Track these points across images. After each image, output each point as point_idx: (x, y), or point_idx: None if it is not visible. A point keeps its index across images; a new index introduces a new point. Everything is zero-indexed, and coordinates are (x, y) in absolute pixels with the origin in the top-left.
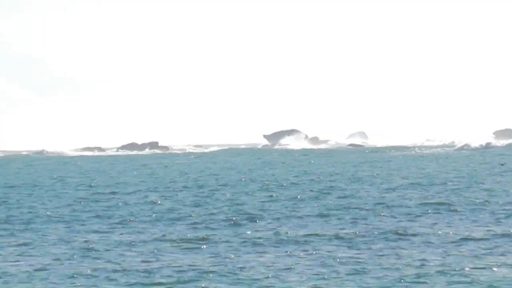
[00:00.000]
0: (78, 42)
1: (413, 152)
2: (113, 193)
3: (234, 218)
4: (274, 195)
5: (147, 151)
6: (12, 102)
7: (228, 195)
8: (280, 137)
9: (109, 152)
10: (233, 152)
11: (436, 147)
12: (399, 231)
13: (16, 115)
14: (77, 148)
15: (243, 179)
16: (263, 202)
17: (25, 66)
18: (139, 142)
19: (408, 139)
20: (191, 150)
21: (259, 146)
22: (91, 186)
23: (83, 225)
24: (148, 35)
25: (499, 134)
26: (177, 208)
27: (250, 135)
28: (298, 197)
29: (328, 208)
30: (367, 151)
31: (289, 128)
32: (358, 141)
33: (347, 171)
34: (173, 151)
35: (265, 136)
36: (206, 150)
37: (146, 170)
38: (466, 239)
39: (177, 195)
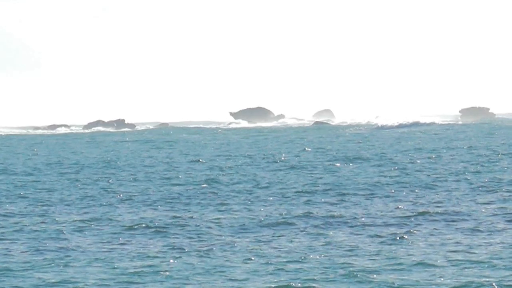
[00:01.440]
0: (43, 17)
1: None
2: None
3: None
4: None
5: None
6: None
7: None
8: (246, 114)
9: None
10: (188, 131)
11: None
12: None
13: None
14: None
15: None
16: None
17: None
18: (106, 120)
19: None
20: (152, 127)
21: (224, 125)
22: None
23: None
24: (115, 14)
25: (465, 112)
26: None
27: (217, 112)
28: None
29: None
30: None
31: (255, 106)
32: (324, 119)
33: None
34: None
35: (231, 114)
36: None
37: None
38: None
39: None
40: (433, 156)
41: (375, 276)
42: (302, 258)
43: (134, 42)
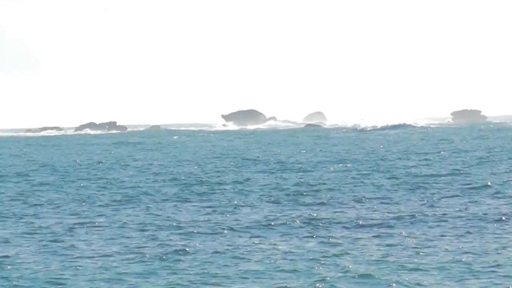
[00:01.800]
0: (43, 17)
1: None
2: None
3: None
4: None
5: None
6: None
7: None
8: (238, 117)
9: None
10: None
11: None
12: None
13: None
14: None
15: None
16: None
17: None
18: (97, 122)
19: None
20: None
21: (215, 127)
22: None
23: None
24: (115, 14)
25: (457, 114)
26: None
27: (209, 115)
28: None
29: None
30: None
31: (247, 108)
32: (316, 121)
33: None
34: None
35: (223, 116)
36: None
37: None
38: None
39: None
40: (427, 158)
41: (371, 276)
42: (299, 259)
43: (131, 43)
